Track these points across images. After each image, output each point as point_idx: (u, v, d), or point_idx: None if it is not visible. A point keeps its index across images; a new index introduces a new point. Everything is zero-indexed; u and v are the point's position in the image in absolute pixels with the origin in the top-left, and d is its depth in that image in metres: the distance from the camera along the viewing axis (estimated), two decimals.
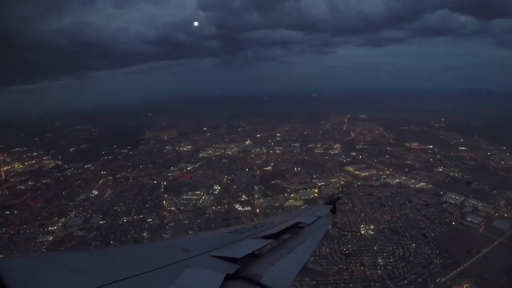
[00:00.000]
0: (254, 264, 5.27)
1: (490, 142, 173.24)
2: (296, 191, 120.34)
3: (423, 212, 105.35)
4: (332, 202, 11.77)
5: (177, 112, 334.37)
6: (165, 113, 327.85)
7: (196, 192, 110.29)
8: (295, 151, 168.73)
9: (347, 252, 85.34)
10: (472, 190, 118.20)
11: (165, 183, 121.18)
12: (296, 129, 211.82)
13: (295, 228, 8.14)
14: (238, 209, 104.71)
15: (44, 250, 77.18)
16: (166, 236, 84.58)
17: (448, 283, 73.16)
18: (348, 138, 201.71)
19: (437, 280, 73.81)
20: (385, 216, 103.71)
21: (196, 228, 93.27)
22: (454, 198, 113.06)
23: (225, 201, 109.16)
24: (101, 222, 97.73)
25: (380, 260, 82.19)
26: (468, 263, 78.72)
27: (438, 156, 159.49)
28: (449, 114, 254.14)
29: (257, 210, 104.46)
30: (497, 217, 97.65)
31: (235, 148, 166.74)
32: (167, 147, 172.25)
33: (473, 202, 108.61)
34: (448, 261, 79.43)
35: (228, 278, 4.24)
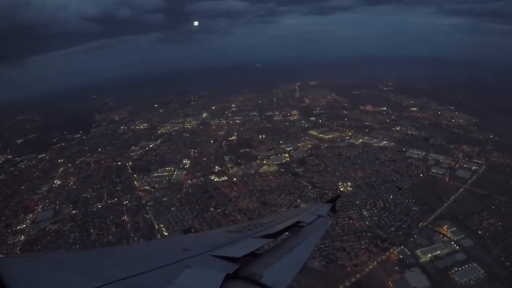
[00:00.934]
0: (254, 264, 5.49)
1: (439, 103, 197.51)
2: (267, 157, 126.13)
3: (392, 167, 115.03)
4: (332, 200, 12.06)
5: (123, 92, 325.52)
6: (111, 93, 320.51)
7: (166, 169, 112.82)
8: (254, 119, 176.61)
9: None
10: (430, 145, 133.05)
11: (130, 163, 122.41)
12: (250, 99, 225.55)
13: (295, 227, 8.38)
14: (215, 180, 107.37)
15: (18, 251, 76.20)
16: (148, 216, 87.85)
17: (429, 226, 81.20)
18: (303, 104, 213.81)
19: (420, 225, 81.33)
20: (358, 173, 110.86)
21: (178, 203, 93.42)
22: (416, 153, 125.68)
23: (199, 174, 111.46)
24: (74, 212, 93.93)
25: (365, 213, 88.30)
26: (442, 208, 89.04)
27: (393, 117, 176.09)
28: (395, 79, 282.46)
29: (234, 179, 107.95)
30: (458, 168, 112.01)
31: (194, 122, 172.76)
32: (122, 127, 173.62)
33: (434, 156, 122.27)
34: (425, 208, 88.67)
35: (228, 277, 4.43)
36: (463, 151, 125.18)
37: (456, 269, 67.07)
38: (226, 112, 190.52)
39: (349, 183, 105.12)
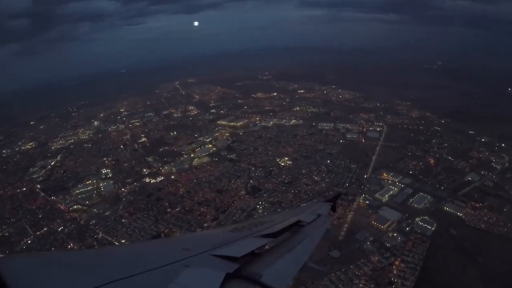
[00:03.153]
0: (254, 263, 6.28)
1: (320, 84, 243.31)
2: (192, 150, 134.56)
3: (313, 139, 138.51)
4: (332, 200, 13.28)
5: None
6: None
7: (87, 182, 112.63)
8: (154, 120, 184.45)
9: (286, 181, 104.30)
10: (334, 118, 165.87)
11: (38, 186, 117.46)
12: (136, 102, 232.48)
13: (295, 226, 9.25)
14: (151, 182, 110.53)
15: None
16: (100, 236, 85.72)
17: (372, 176, 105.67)
18: (195, 100, 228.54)
19: (365, 176, 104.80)
20: (288, 149, 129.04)
21: (126, 214, 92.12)
22: (326, 125, 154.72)
23: (129, 180, 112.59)
24: None
25: (316, 178, 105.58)
26: (373, 161, 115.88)
27: (287, 100, 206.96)
28: (270, 68, 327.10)
29: (172, 177, 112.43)
30: (367, 131, 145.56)
31: (88, 132, 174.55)
32: (4, 151, 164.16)
33: (342, 125, 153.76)
34: (360, 164, 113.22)
35: (228, 277, 5.02)
36: (362, 118, 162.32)
37: (411, 200, 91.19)
38: (118, 117, 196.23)
39: (286, 158, 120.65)
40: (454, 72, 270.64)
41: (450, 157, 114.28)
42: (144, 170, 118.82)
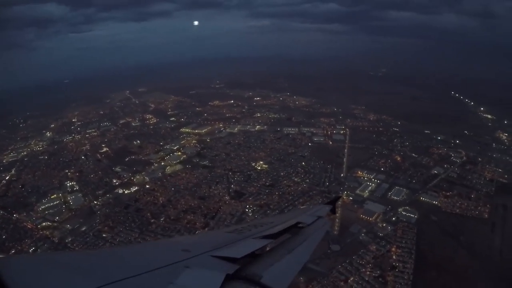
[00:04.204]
0: (254, 264, 6.43)
1: (274, 92, 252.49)
2: (162, 158, 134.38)
3: (282, 144, 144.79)
4: (332, 202, 13.69)
5: None
6: None
7: (52, 197, 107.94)
8: (112, 129, 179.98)
9: (267, 184, 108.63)
10: (296, 123, 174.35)
11: None
12: (87, 111, 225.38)
13: (295, 228, 9.66)
14: (126, 192, 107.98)
15: None
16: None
17: (348, 174, 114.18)
18: (151, 108, 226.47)
19: (342, 175, 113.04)
20: (260, 154, 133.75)
21: (105, 228, 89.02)
22: (291, 130, 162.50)
23: (100, 192, 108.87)
24: None
25: (296, 179, 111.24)
26: (345, 161, 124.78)
27: (246, 107, 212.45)
28: (220, 77, 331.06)
29: (147, 186, 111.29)
30: (331, 134, 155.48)
31: (41, 143, 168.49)
32: None
33: (306, 129, 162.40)
34: (334, 164, 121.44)
35: (228, 278, 5.13)
36: (324, 122, 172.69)
37: (389, 193, 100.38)
38: (72, 127, 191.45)
39: (261, 162, 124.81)
40: (399, 78, 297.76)
41: (413, 154, 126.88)
42: (114, 181, 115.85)
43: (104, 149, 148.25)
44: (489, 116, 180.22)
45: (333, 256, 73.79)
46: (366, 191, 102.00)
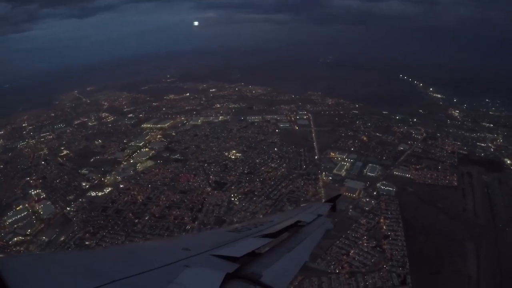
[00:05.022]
0: (254, 263, 6.47)
1: (228, 82, 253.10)
2: (129, 156, 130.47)
3: (250, 132, 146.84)
4: (332, 200, 13.59)
5: None
6: None
7: (18, 208, 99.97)
8: (68, 131, 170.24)
9: (246, 171, 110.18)
10: (258, 111, 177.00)
11: None
12: (37, 115, 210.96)
13: (295, 226, 9.72)
14: (99, 195, 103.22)
15: None
16: None
17: (322, 156, 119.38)
18: (105, 106, 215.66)
19: (316, 157, 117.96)
20: (231, 143, 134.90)
21: (86, 235, 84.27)
22: (254, 118, 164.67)
23: (70, 197, 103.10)
24: None
25: (272, 165, 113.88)
26: (315, 144, 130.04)
27: (204, 99, 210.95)
28: (170, 71, 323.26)
29: (121, 186, 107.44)
30: (295, 120, 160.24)
31: None
32: None
33: (269, 116, 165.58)
34: (305, 147, 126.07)
35: (228, 277, 5.19)
36: (285, 109, 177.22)
37: (364, 170, 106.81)
38: (24, 132, 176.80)
39: (234, 151, 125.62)
40: (347, 64, 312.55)
41: (378, 133, 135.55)
42: (84, 184, 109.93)
43: (65, 152, 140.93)
44: (439, 96, 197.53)
45: (329, 233, 76.82)
46: (343, 170, 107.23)
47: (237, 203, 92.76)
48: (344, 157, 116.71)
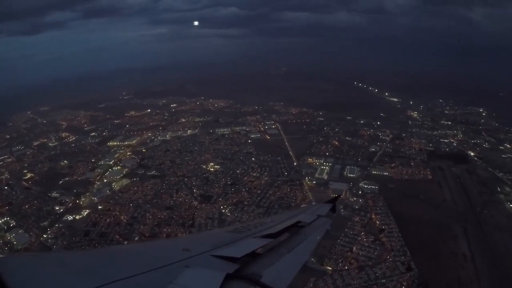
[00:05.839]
0: (254, 264, 6.52)
1: (188, 97, 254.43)
2: (101, 176, 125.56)
3: (222, 144, 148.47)
4: (332, 201, 13.77)
5: None
6: None
7: None
8: (28, 153, 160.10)
9: (229, 182, 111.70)
10: (225, 123, 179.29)
11: None
12: None
13: (295, 227, 9.79)
14: (77, 218, 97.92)
15: None
16: None
17: (300, 163, 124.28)
18: (64, 126, 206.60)
19: (295, 164, 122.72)
20: (206, 156, 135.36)
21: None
22: (224, 130, 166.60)
23: (45, 223, 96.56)
24: None
25: (254, 174, 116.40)
26: (290, 151, 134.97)
27: (167, 114, 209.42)
28: (125, 88, 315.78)
29: (100, 207, 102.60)
30: (265, 130, 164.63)
31: None
32: None
33: (238, 128, 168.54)
34: (282, 155, 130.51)
35: (228, 277, 5.22)
36: (252, 120, 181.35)
37: (344, 172, 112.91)
38: None
39: (211, 164, 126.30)
40: (300, 75, 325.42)
41: (347, 138, 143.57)
42: (57, 208, 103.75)
43: (29, 175, 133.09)
44: (395, 99, 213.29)
45: (328, 233, 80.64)
46: (324, 174, 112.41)
47: (229, 214, 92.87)
48: (322, 161, 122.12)
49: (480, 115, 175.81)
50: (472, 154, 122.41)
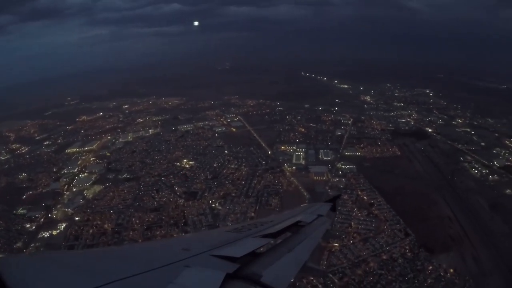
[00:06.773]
0: (254, 263, 6.51)
1: (138, 97, 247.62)
2: (70, 184, 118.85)
3: (189, 140, 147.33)
4: (332, 200, 13.79)
5: None
6: None
7: None
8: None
9: (209, 176, 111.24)
10: (186, 120, 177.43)
11: None
12: None
13: (295, 226, 9.80)
14: (54, 233, 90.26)
15: None
16: None
17: (274, 151, 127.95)
18: (12, 137, 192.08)
19: (269, 153, 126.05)
20: (177, 153, 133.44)
21: None
22: (187, 127, 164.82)
23: (19, 244, 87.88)
24: None
25: (232, 166, 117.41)
26: (261, 142, 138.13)
27: (121, 116, 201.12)
28: (69, 94, 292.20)
29: (77, 218, 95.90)
30: (228, 123, 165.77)
31: None
32: None
33: (201, 123, 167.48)
34: (254, 146, 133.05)
35: (228, 277, 5.20)
36: (212, 115, 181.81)
37: (319, 156, 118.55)
38: None
39: (185, 160, 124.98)
40: (245, 69, 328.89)
41: (311, 124, 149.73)
42: (28, 225, 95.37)
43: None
44: (346, 86, 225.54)
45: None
46: (301, 159, 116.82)
47: (220, 208, 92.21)
48: (295, 148, 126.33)
49: (428, 96, 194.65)
50: (430, 130, 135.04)
